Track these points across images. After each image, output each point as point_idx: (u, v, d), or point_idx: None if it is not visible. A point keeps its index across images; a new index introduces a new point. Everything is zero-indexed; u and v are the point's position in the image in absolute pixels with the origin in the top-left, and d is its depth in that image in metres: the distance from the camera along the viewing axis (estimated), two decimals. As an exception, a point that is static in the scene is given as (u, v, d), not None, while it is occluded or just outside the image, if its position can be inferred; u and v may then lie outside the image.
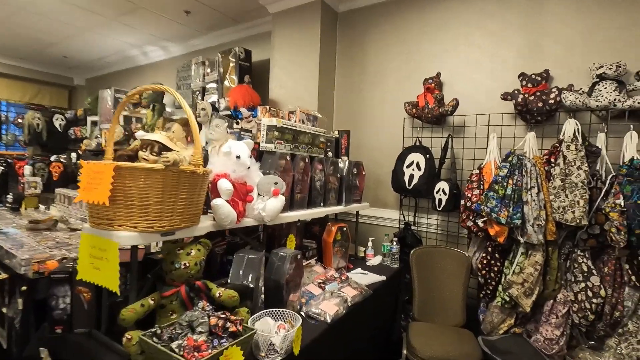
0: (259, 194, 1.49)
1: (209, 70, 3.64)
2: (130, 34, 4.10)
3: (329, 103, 2.98)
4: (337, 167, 2.11)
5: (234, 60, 3.34)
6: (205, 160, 1.23)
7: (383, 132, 2.77)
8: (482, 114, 2.26)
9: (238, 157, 1.37)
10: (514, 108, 2.09)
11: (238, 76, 3.31)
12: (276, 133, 1.62)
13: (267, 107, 1.74)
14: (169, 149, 1.15)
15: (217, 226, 1.29)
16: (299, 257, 1.42)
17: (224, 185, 1.26)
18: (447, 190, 2.25)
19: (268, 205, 1.46)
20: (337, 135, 2.39)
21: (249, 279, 1.24)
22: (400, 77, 2.70)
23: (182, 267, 1.13)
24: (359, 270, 2.16)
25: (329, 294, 1.59)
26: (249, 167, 1.41)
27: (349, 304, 1.57)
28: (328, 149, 2.24)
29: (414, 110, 2.48)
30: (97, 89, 4.68)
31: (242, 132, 1.64)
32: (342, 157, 2.37)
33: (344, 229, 2.14)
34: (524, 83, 2.13)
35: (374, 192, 2.79)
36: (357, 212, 2.47)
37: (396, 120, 2.68)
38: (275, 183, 1.51)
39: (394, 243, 2.33)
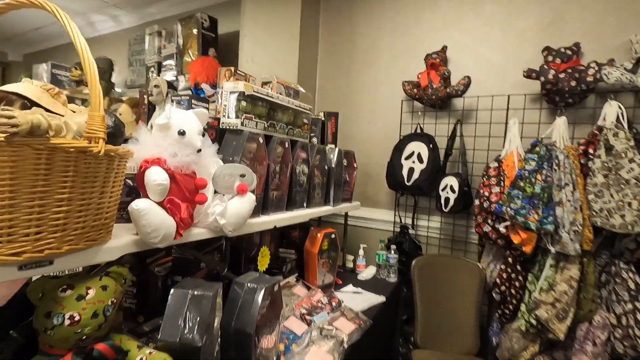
0: (216, 191, 1.00)
1: (165, 42, 3.05)
2: (71, -2, 3.41)
3: (311, 83, 2.50)
4: (325, 156, 1.64)
5: (196, 29, 2.78)
6: (119, 134, 0.73)
7: (375, 117, 2.33)
8: (499, 96, 1.87)
9: (181, 133, 0.87)
10: (540, 88, 1.71)
11: (201, 49, 2.76)
12: (244, 104, 1.13)
13: (232, 68, 1.24)
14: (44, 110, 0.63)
15: (142, 244, 0.79)
16: (276, 287, 0.95)
17: (154, 176, 0.77)
18: (456, 188, 1.84)
19: (230, 209, 0.97)
20: (323, 118, 1.92)
21: (195, 331, 0.75)
22: (397, 54, 2.27)
23: (67, 322, 0.63)
24: (351, 287, 1.72)
25: (316, 333, 1.13)
26: (199, 150, 0.91)
27: (346, 346, 1.12)
28: (313, 134, 1.77)
29: (415, 90, 2.06)
30: (35, 65, 3.93)
31: (193, 101, 1.14)
32: (330, 145, 1.91)
33: (332, 235, 1.68)
34: (550, 59, 1.75)
35: (363, 188, 2.36)
36: (347, 213, 2.02)
37: (391, 104, 2.25)
38: (242, 175, 1.03)
39: (392, 252, 1.90)
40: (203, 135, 0.95)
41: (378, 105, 2.32)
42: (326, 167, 1.65)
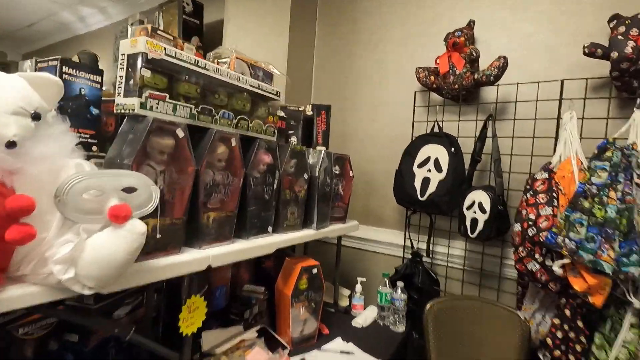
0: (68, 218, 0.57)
1: (147, 31, 2.70)
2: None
3: (305, 74, 2.08)
4: (304, 161, 1.19)
5: (177, 14, 2.42)
6: None
7: (381, 114, 1.87)
8: (548, 82, 1.38)
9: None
10: (611, 68, 1.21)
11: (182, 36, 2.38)
12: (148, 74, 0.70)
13: (149, 27, 0.83)
14: None
15: None
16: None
17: None
18: (486, 206, 1.36)
19: (89, 251, 0.54)
20: (310, 113, 1.48)
21: None
22: (409, 34, 1.81)
23: None
24: (339, 342, 1.25)
25: None
26: (11, 144, 0.49)
27: None
28: (291, 132, 1.33)
29: (432, 78, 1.60)
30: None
31: (66, 68, 0.72)
32: (318, 148, 1.47)
33: (314, 270, 1.23)
34: (621, 30, 1.26)
35: (364, 202, 1.90)
36: (340, 237, 1.55)
37: (402, 97, 1.79)
38: (129, 190, 0.60)
39: (399, 291, 1.43)
40: (36, 119, 0.53)
41: (385, 98, 1.86)
42: (306, 177, 1.20)
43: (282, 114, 1.28)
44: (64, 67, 0.72)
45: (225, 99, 0.90)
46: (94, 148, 0.78)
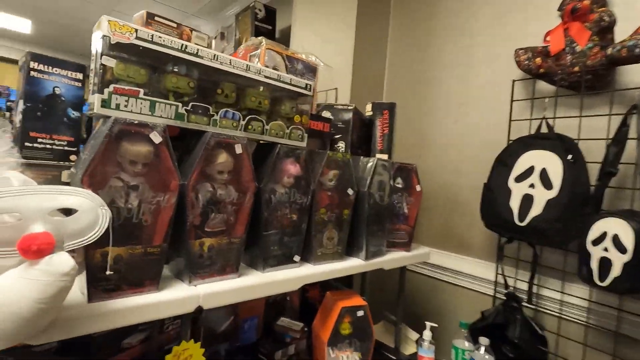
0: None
1: (226, 43, 2.78)
2: (154, 10, 3.50)
3: (374, 69, 1.82)
4: (349, 173, 0.94)
5: (250, 21, 2.41)
6: None
7: (467, 113, 1.50)
8: None
9: None
10: None
11: (253, 43, 2.36)
12: (113, 64, 0.56)
13: (144, 12, 0.69)
14: None
15: None
16: None
17: None
18: (628, 242, 0.90)
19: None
20: (370, 113, 1.23)
21: None
22: (505, 11, 1.40)
23: None
24: (391, 411, 0.96)
25: None
26: None
27: None
28: (338, 136, 1.10)
29: (538, 61, 1.18)
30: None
31: (32, 64, 0.62)
32: (378, 155, 1.21)
33: (360, 312, 0.96)
34: None
35: (443, 222, 1.53)
36: (404, 267, 1.24)
37: (495, 90, 1.40)
38: (68, 211, 0.45)
39: (482, 350, 1.05)
40: None
41: (472, 93, 1.48)
42: (351, 192, 0.94)
43: (328, 114, 1.06)
44: (32, 62, 0.63)
45: (232, 95, 0.71)
46: (72, 157, 0.69)
